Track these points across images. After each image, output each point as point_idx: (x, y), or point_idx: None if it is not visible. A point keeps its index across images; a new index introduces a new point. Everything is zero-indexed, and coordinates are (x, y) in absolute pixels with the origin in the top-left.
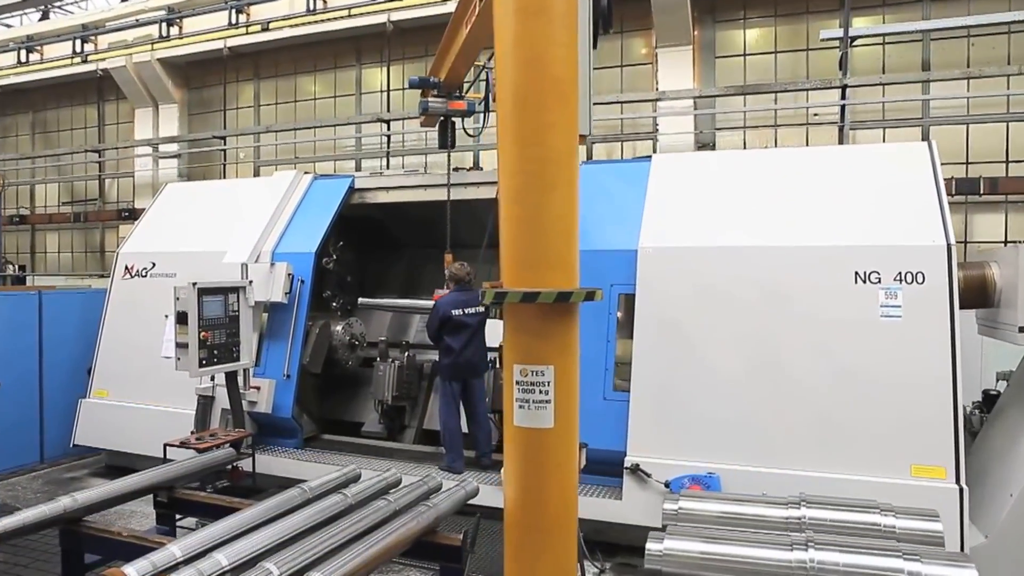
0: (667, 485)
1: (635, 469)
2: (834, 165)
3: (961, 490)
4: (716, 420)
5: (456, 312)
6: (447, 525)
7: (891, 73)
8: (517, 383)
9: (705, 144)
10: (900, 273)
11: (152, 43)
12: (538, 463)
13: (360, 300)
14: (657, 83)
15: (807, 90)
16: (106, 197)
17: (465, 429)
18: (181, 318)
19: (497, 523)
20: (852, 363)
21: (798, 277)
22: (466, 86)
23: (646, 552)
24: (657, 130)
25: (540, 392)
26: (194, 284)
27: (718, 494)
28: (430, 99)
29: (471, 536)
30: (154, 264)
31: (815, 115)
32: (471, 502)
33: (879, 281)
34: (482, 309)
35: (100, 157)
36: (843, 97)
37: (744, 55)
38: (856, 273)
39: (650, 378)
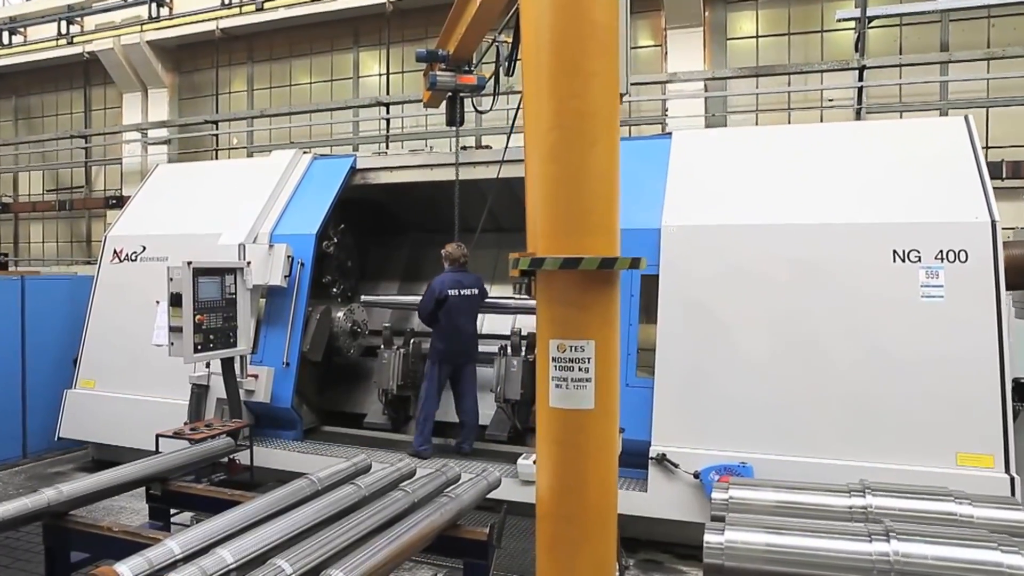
0: (696, 476)
1: (661, 459)
2: (867, 140)
3: (1012, 480)
4: (747, 407)
5: (452, 292)
6: (466, 519)
7: (908, 54)
8: (554, 360)
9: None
10: (942, 251)
11: (141, 24)
12: (577, 447)
13: (363, 298)
14: (666, 65)
15: (822, 72)
16: (93, 185)
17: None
18: (175, 300)
19: (513, 517)
20: (892, 347)
21: (833, 256)
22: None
23: (705, 545)
24: (666, 113)
25: (580, 370)
26: (189, 263)
27: (773, 481)
28: (438, 73)
29: (498, 530)
30: (144, 247)
31: (830, 100)
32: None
33: (919, 260)
34: (477, 292)
35: (86, 143)
36: (860, 79)
37: (756, 37)
38: (895, 252)
39: (675, 363)
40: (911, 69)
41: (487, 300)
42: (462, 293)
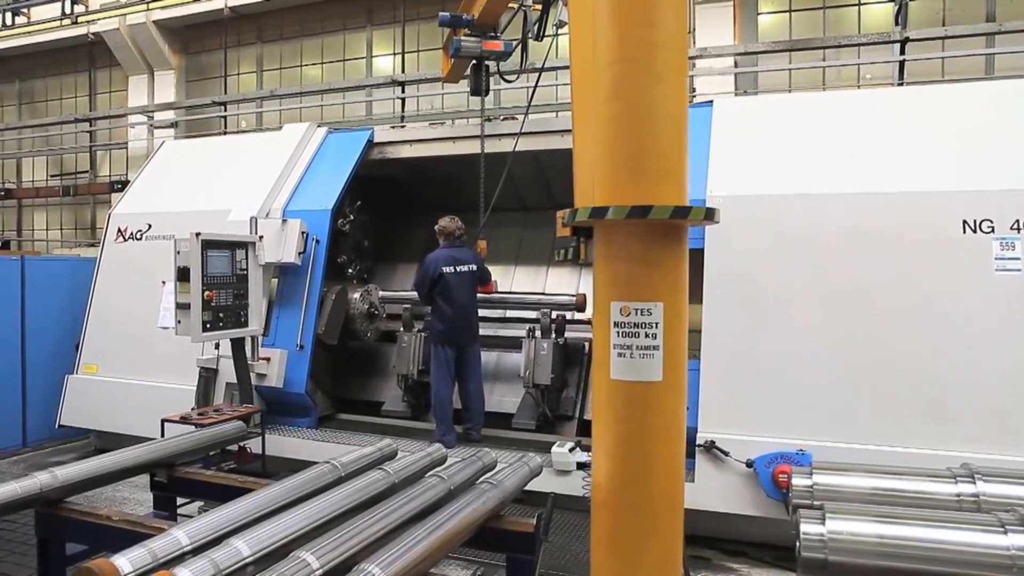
0: (749, 465)
1: (710, 447)
2: (931, 105)
3: None
4: (803, 390)
5: (448, 270)
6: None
7: (952, 26)
8: (615, 325)
9: None
10: (1017, 221)
11: (147, 3)
12: (643, 425)
13: (380, 293)
14: (694, 42)
15: (859, 45)
16: (97, 170)
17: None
18: (183, 274)
19: (536, 509)
20: (963, 325)
21: (895, 228)
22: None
23: (802, 536)
24: (695, 92)
25: (646, 336)
26: (197, 235)
27: (862, 466)
28: (462, 38)
29: (545, 521)
30: (150, 226)
31: (867, 76)
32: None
33: (992, 230)
34: (475, 267)
35: (91, 127)
36: (902, 53)
37: (789, 11)
38: (964, 222)
39: (723, 344)
40: (952, 44)
41: (508, 295)
42: (458, 270)
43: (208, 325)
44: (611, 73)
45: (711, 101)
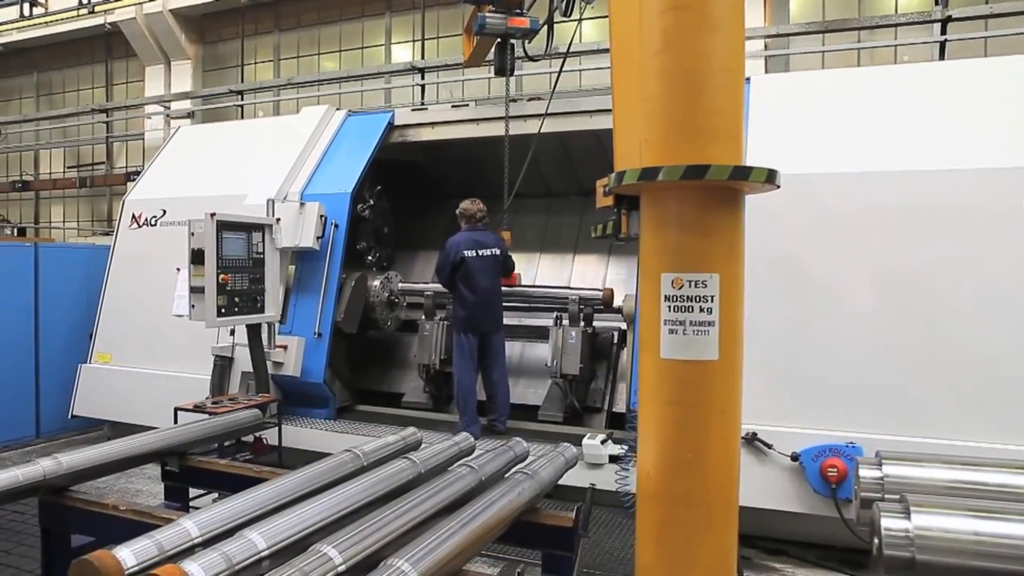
0: (795, 458)
1: (752, 439)
2: (983, 78)
3: None
4: (852, 379)
5: (470, 254)
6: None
7: (998, 3)
8: (667, 299)
9: None
10: None
11: None
12: (696, 410)
13: (400, 285)
14: None
15: (897, 26)
16: (114, 161)
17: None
18: (196, 257)
19: (567, 504)
20: None
21: (952, 207)
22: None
23: (884, 532)
24: None
25: (701, 310)
26: (212, 215)
27: (937, 456)
28: (487, 14)
29: (584, 515)
30: (165, 211)
31: (905, 58)
32: None
33: None
34: (497, 251)
35: (108, 118)
36: (943, 32)
37: None
38: None
39: (764, 329)
40: (995, 23)
41: (530, 288)
42: (480, 254)
43: (223, 310)
44: (662, 23)
45: (748, 78)
